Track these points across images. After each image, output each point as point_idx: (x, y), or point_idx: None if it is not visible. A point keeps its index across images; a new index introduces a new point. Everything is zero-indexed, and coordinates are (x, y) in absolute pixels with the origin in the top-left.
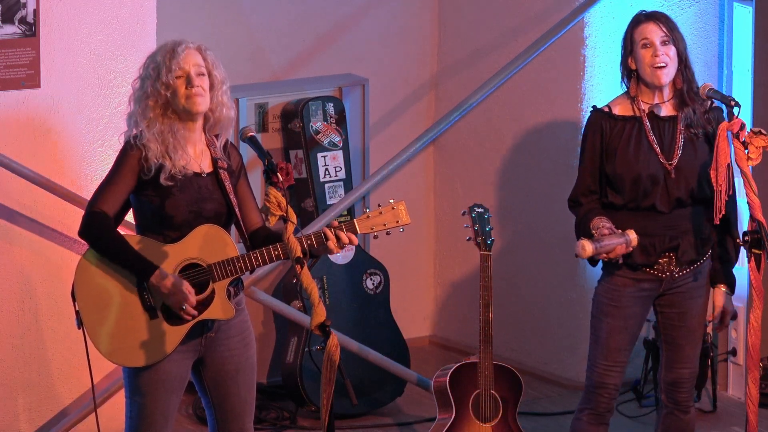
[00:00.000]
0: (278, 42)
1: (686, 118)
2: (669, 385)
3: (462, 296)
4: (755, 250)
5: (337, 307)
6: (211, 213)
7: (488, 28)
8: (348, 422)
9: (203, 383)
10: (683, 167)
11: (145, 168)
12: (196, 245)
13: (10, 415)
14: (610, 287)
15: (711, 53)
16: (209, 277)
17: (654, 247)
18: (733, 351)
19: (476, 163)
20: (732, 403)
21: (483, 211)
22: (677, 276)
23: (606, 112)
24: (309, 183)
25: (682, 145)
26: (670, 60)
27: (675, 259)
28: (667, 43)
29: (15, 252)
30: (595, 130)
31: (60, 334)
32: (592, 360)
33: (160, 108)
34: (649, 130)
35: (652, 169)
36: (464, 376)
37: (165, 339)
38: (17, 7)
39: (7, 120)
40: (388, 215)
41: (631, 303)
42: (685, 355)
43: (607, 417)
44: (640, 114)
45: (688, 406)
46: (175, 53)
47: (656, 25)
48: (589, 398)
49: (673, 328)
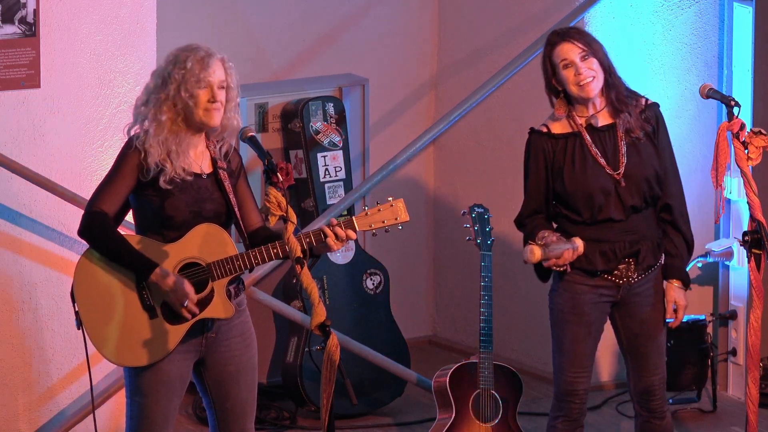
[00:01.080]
0: (278, 42)
1: (624, 124)
2: (640, 395)
3: (462, 296)
4: (755, 250)
5: (337, 307)
6: (210, 213)
7: (488, 28)
8: (348, 422)
9: (204, 384)
10: (631, 174)
11: (144, 170)
12: (195, 244)
13: (10, 415)
14: (570, 296)
15: (711, 53)
16: (208, 276)
17: (614, 253)
18: (733, 351)
19: (476, 163)
20: (732, 403)
21: (483, 212)
22: (633, 282)
23: (545, 132)
24: (309, 183)
25: (625, 152)
26: (594, 72)
27: (634, 264)
28: (587, 57)
29: (14, 252)
30: (537, 153)
31: (60, 334)
32: (559, 368)
33: (173, 113)
34: (591, 144)
35: (601, 183)
36: (464, 376)
37: (166, 338)
38: (17, 7)
39: (7, 120)
40: (387, 213)
41: (591, 309)
42: (652, 363)
43: (581, 420)
44: (578, 129)
45: (662, 411)
46: (206, 64)
47: (571, 44)
48: (561, 406)
49: (635, 337)
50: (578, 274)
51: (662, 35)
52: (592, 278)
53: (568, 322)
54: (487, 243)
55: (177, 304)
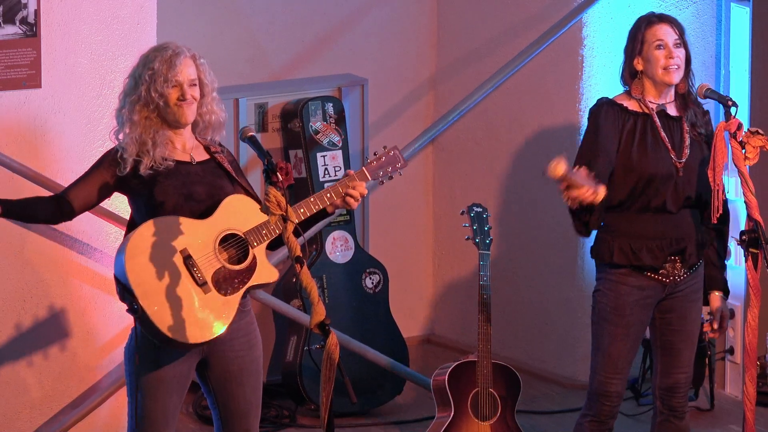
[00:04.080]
0: (278, 42)
1: (690, 119)
2: (665, 391)
3: (461, 295)
4: (752, 249)
5: (336, 306)
6: (202, 195)
7: (487, 29)
8: (347, 420)
9: (208, 384)
10: (691, 166)
11: (120, 166)
12: (227, 217)
13: (10, 413)
14: (614, 296)
15: (708, 53)
16: (247, 244)
17: (662, 250)
18: (730, 350)
19: (475, 163)
20: (729, 402)
21: (482, 211)
22: (679, 280)
23: (618, 104)
24: (308, 182)
25: (689, 144)
26: (681, 61)
27: (680, 262)
28: (679, 46)
29: (16, 251)
30: (609, 119)
31: (60, 333)
32: (595, 368)
33: (147, 111)
34: (660, 128)
35: (664, 167)
36: (463, 374)
37: (224, 309)
38: (18, 8)
39: (8, 120)
40: (387, 159)
41: (635, 311)
42: (683, 360)
43: (610, 423)
44: (649, 112)
45: (683, 411)
46: (173, 64)
47: (670, 27)
48: (592, 405)
49: (672, 332)
50: (624, 272)
51: None
52: (638, 277)
53: (608, 322)
54: (486, 242)
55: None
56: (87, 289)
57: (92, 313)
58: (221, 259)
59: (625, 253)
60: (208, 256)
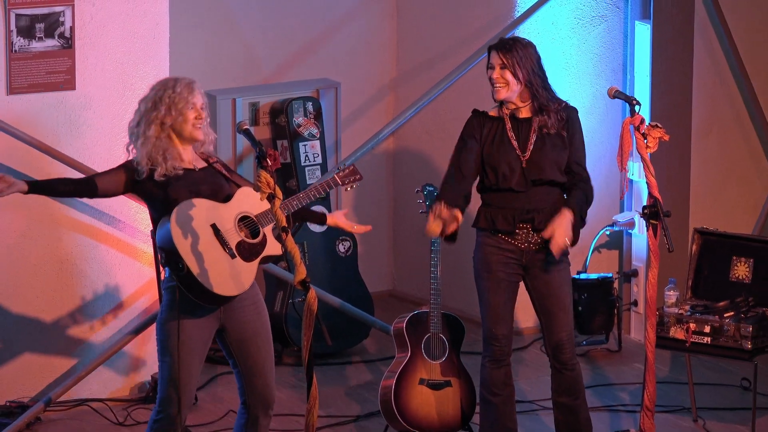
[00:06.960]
0: (268, 52)
1: (539, 122)
2: (553, 350)
3: (417, 257)
4: (652, 221)
5: (315, 266)
6: (207, 192)
7: (438, 41)
8: (324, 359)
9: (228, 347)
10: (534, 158)
11: (137, 172)
12: (241, 202)
13: (52, 350)
14: (482, 256)
15: (617, 62)
16: (258, 225)
17: (513, 217)
18: (634, 302)
19: (427, 151)
20: (634, 345)
21: (433, 190)
22: (533, 247)
23: (482, 112)
24: (292, 167)
25: (534, 142)
26: (505, 81)
27: (531, 228)
28: (504, 68)
29: (56, 223)
30: (472, 126)
31: (91, 289)
32: (481, 317)
33: (159, 129)
34: (509, 129)
35: (509, 160)
36: (418, 322)
37: (243, 274)
38: (57, 25)
39: (49, 115)
40: (351, 171)
41: (500, 267)
42: (561, 321)
43: (505, 360)
44: (503, 116)
45: (573, 364)
46: (192, 89)
47: (496, 54)
48: (486, 348)
49: (543, 298)
50: (486, 234)
51: (577, 47)
52: (496, 238)
53: (481, 278)
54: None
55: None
56: (113, 253)
57: (117, 272)
58: (241, 234)
59: (487, 219)
60: (230, 230)
